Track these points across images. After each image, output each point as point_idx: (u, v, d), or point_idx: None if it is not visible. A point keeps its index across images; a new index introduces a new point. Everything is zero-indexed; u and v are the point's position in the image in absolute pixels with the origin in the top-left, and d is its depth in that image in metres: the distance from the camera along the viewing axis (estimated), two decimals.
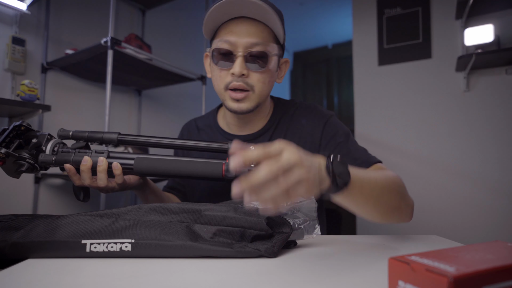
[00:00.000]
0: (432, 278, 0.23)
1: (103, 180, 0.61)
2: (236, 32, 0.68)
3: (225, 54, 0.69)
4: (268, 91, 0.73)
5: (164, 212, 0.49)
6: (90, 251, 0.44)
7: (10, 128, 0.59)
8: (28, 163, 0.59)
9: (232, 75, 0.69)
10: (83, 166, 0.59)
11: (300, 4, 2.97)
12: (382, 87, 2.01)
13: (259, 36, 0.68)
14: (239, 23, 0.69)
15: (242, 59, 0.68)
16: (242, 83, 0.69)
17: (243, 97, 0.70)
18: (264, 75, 0.70)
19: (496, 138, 1.68)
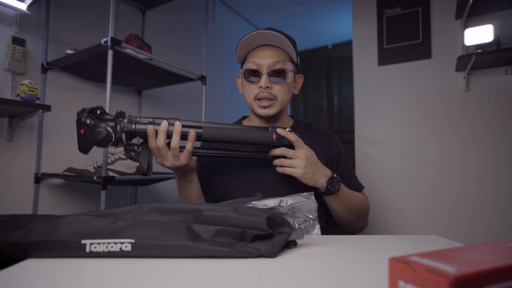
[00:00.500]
0: (432, 278, 0.23)
1: (177, 141, 0.73)
2: (260, 56, 0.91)
3: (253, 73, 0.92)
4: (288, 99, 0.95)
5: (164, 212, 0.49)
6: (90, 251, 0.44)
7: (90, 108, 0.67)
8: (107, 131, 0.66)
9: (259, 88, 0.90)
10: (161, 128, 0.72)
11: (300, 4, 2.97)
12: (382, 87, 2.01)
13: (278, 57, 0.91)
14: (262, 49, 0.92)
15: (266, 75, 0.90)
16: (267, 94, 0.90)
17: (269, 105, 0.91)
18: (284, 86, 0.92)
19: (496, 138, 1.68)
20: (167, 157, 0.75)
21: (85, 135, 0.65)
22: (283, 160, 0.80)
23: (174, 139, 0.73)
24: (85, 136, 0.65)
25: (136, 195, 2.01)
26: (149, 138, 0.72)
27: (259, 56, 0.91)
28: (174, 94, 2.26)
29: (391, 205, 1.91)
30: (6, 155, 1.39)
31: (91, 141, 0.65)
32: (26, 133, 1.47)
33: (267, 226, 0.47)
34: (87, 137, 0.65)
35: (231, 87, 2.74)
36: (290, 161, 0.80)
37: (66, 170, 1.43)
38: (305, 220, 0.53)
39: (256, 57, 0.92)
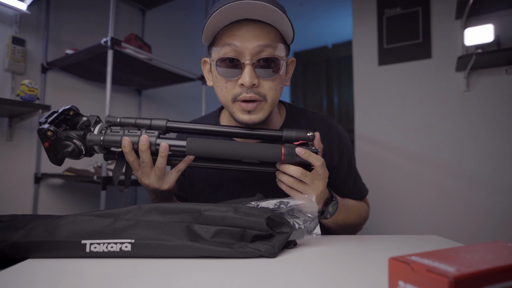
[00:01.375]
0: (432, 278, 0.23)
1: (162, 164, 0.58)
2: (240, 36, 0.60)
3: (230, 62, 0.62)
4: (279, 96, 0.67)
5: (164, 212, 0.49)
6: (90, 251, 0.44)
7: (60, 111, 0.59)
8: (74, 144, 0.56)
9: (241, 86, 0.61)
10: (142, 147, 0.56)
11: (300, 4, 2.97)
12: (382, 87, 2.01)
13: (267, 38, 0.61)
14: (243, 26, 0.60)
15: (251, 67, 0.60)
16: (253, 94, 0.61)
17: (255, 107, 0.62)
18: (276, 82, 0.63)
19: (496, 138, 1.68)
20: (148, 175, 0.60)
21: (51, 147, 0.56)
22: (294, 182, 0.58)
23: (159, 161, 0.58)
24: (51, 148, 0.57)
25: (136, 195, 2.01)
26: (124, 153, 0.58)
27: (239, 37, 0.60)
28: (174, 94, 2.26)
29: (391, 205, 1.91)
30: (6, 155, 1.39)
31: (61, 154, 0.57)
32: (26, 133, 1.47)
33: (267, 226, 0.47)
34: (54, 150, 0.57)
35: None
36: (303, 186, 0.58)
37: (66, 170, 1.44)
38: (305, 220, 0.53)
39: (234, 37, 0.60)
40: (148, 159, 0.58)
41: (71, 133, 0.57)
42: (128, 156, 0.58)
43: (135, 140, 0.57)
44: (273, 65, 0.62)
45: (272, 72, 0.62)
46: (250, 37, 0.60)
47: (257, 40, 0.60)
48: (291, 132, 0.59)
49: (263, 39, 0.61)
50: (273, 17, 0.60)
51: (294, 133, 0.59)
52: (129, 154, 0.58)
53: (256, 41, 0.60)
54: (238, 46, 0.60)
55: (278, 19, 0.60)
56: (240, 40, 0.60)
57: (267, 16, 0.60)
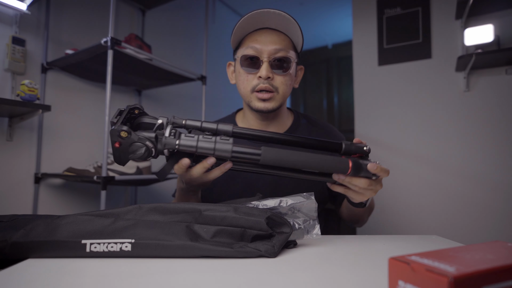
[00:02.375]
0: (432, 278, 0.24)
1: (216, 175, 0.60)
2: (261, 41, 0.78)
3: (251, 60, 0.79)
4: (289, 92, 0.83)
5: (164, 212, 0.49)
6: (90, 251, 0.44)
7: (127, 110, 0.56)
8: (146, 146, 0.54)
9: (259, 78, 0.78)
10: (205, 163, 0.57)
11: (300, 4, 2.97)
12: (382, 87, 2.01)
13: (281, 44, 0.79)
14: (263, 33, 0.79)
15: (268, 64, 0.78)
16: (268, 85, 0.78)
17: (269, 97, 0.79)
18: (286, 78, 0.80)
19: (496, 138, 1.68)
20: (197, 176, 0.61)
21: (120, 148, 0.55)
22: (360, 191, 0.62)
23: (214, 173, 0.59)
24: (120, 149, 0.55)
25: (136, 195, 2.01)
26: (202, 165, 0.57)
27: (260, 41, 0.78)
28: (174, 94, 2.26)
29: (391, 205, 1.91)
30: (6, 155, 1.39)
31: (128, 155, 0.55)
32: (26, 133, 1.47)
33: (267, 226, 0.47)
34: (122, 151, 0.55)
35: (231, 87, 2.74)
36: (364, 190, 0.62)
37: (66, 170, 1.44)
38: (305, 220, 0.53)
39: (256, 41, 0.78)
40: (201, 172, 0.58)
41: (143, 135, 0.55)
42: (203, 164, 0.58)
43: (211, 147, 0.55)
44: (285, 64, 0.79)
45: (284, 70, 0.79)
46: (268, 41, 0.78)
47: (273, 44, 0.78)
48: (350, 146, 0.62)
49: (278, 43, 0.79)
50: (287, 27, 0.78)
51: (354, 147, 0.62)
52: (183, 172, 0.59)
53: (272, 45, 0.78)
54: (258, 47, 0.78)
55: (291, 28, 0.78)
56: (260, 43, 0.78)
57: (282, 26, 0.78)
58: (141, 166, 1.59)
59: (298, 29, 0.79)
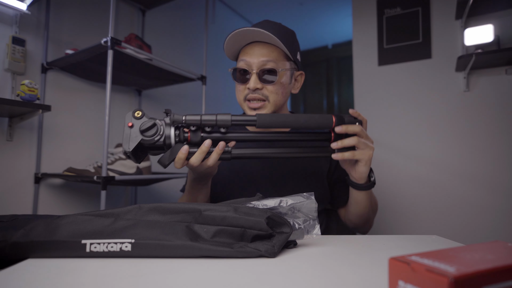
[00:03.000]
0: (432, 278, 0.23)
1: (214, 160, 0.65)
2: (250, 54, 0.84)
3: (243, 72, 0.85)
4: (282, 100, 0.87)
5: (164, 212, 0.49)
6: (90, 251, 0.44)
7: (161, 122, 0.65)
8: (156, 125, 0.63)
9: (248, 89, 0.84)
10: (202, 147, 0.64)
11: (300, 4, 2.97)
12: (382, 87, 2.01)
13: (270, 56, 0.83)
14: (253, 46, 0.85)
15: (256, 75, 0.83)
16: (257, 95, 0.83)
17: (259, 106, 0.84)
18: (276, 87, 0.84)
19: (496, 138, 1.68)
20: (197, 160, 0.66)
21: (132, 129, 0.62)
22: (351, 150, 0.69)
23: (212, 158, 0.64)
24: (132, 130, 0.62)
25: (136, 195, 2.01)
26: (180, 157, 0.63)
27: (249, 54, 0.84)
28: (174, 94, 2.26)
29: (391, 205, 1.91)
30: (6, 155, 1.39)
31: (140, 134, 0.61)
32: (26, 133, 1.47)
33: (267, 226, 0.47)
34: (134, 132, 0.62)
35: (231, 87, 2.74)
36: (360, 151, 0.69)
37: (66, 170, 1.44)
38: (305, 220, 0.53)
39: (246, 55, 0.84)
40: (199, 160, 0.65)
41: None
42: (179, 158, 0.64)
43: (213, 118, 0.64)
44: (273, 75, 0.83)
45: (272, 80, 0.83)
46: (256, 55, 0.83)
47: (261, 57, 0.83)
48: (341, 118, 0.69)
49: (266, 56, 0.83)
50: (273, 41, 0.82)
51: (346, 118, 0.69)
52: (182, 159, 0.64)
53: (260, 57, 0.83)
54: (248, 60, 0.84)
55: (276, 42, 0.82)
56: (250, 56, 0.84)
57: (271, 40, 0.82)
58: (141, 166, 1.59)
59: (288, 40, 0.84)
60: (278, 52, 0.84)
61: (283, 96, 0.87)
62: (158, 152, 0.67)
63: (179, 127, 0.65)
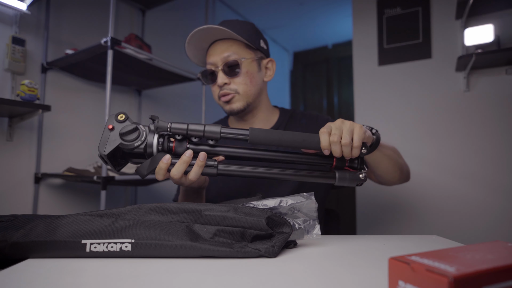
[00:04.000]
0: (432, 278, 0.23)
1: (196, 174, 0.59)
2: (212, 54, 0.85)
3: (211, 74, 0.86)
4: (253, 90, 0.87)
5: (164, 212, 0.49)
6: (90, 251, 0.44)
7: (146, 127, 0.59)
8: (138, 129, 0.58)
9: (218, 87, 0.85)
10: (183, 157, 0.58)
11: (300, 4, 2.97)
12: (382, 87, 2.01)
13: (229, 50, 0.83)
14: (213, 46, 0.86)
15: (222, 72, 0.84)
16: (226, 90, 0.84)
17: (229, 99, 0.85)
18: (242, 78, 0.84)
19: (496, 138, 1.68)
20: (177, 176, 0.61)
21: (113, 132, 0.56)
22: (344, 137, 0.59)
23: (193, 171, 0.58)
24: (112, 133, 0.56)
25: (136, 195, 2.01)
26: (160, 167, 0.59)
27: (211, 54, 0.85)
28: (174, 94, 2.26)
29: (391, 205, 1.91)
30: (6, 155, 1.39)
31: (120, 138, 0.56)
32: (26, 133, 1.47)
33: (267, 226, 0.47)
34: (115, 135, 0.56)
35: None
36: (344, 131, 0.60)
37: (66, 170, 1.44)
38: (305, 220, 0.53)
39: (209, 56, 0.86)
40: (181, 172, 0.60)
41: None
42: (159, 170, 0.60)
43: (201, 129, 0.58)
44: (236, 67, 0.84)
45: (236, 72, 0.84)
46: (218, 52, 0.84)
47: (222, 53, 0.84)
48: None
49: (226, 50, 0.84)
50: (229, 35, 0.83)
51: None
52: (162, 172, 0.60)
53: (222, 54, 0.84)
54: (211, 61, 0.85)
55: (232, 35, 0.82)
56: (212, 56, 0.85)
57: (227, 34, 0.83)
58: None
59: (245, 30, 0.84)
60: (238, 44, 0.85)
61: (253, 85, 0.86)
62: (139, 161, 0.62)
63: (163, 135, 0.58)
